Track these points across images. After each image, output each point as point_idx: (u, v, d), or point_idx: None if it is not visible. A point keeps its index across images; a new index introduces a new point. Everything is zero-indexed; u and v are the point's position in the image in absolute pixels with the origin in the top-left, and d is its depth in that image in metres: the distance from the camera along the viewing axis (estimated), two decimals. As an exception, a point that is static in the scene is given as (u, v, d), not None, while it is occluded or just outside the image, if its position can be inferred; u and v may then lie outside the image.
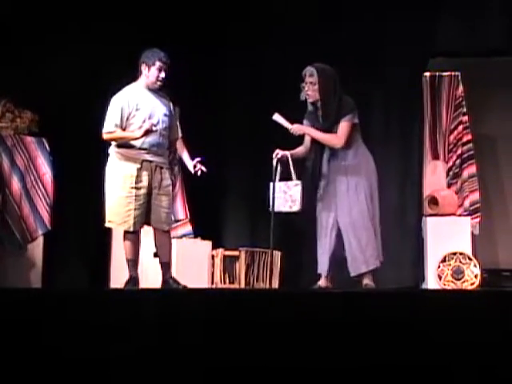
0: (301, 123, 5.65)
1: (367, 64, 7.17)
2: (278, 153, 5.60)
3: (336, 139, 5.52)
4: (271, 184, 5.61)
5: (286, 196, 5.55)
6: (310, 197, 5.63)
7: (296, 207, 5.55)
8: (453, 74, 7.26)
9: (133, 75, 6.51)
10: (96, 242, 7.01)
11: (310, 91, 5.54)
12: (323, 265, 5.59)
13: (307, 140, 5.71)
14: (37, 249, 6.10)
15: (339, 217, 5.53)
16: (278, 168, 5.61)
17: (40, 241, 6.13)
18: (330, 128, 5.55)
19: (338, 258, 5.58)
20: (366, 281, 5.55)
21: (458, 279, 6.68)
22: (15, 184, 5.95)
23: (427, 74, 7.25)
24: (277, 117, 5.61)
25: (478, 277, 6.68)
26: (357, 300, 3.63)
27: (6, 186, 5.90)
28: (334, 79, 5.56)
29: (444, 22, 7.17)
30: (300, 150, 5.70)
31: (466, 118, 7.21)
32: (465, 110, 7.21)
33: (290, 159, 5.58)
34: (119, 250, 6.64)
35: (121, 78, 6.65)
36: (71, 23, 6.77)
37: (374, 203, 5.60)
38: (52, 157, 6.16)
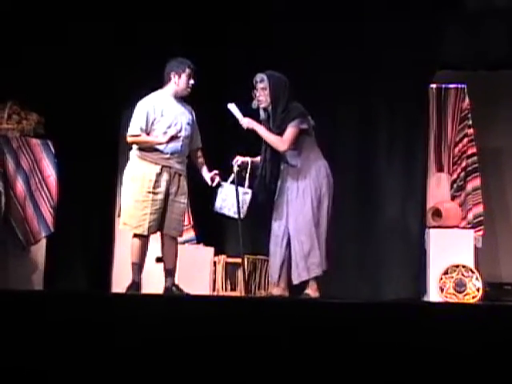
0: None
1: (373, 75, 7.18)
2: (238, 159, 5.62)
3: (280, 142, 5.49)
4: (224, 184, 5.61)
5: (234, 201, 5.58)
6: (264, 205, 5.64)
7: (241, 214, 5.57)
8: (459, 86, 7.27)
9: (138, 78, 6.56)
10: (99, 246, 7.04)
11: (262, 96, 5.55)
12: (274, 274, 5.57)
13: None
14: (39, 251, 6.11)
15: (289, 224, 5.51)
16: (237, 174, 5.62)
17: (43, 243, 6.14)
18: (281, 134, 5.52)
19: (289, 267, 5.55)
20: (308, 290, 5.49)
21: (460, 292, 6.67)
22: (20, 186, 5.96)
23: (433, 86, 7.26)
24: (231, 106, 5.62)
25: (480, 290, 6.67)
26: (357, 311, 3.63)
27: (10, 188, 5.91)
28: (284, 85, 5.54)
29: (450, 34, 7.18)
30: (260, 159, 5.69)
31: (471, 130, 7.21)
32: (470, 122, 7.21)
33: (249, 166, 5.61)
34: (122, 254, 6.66)
35: (127, 81, 6.72)
36: (77, 24, 6.79)
37: (320, 210, 5.49)
38: (57, 159, 6.17)
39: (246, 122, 5.58)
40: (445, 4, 7.06)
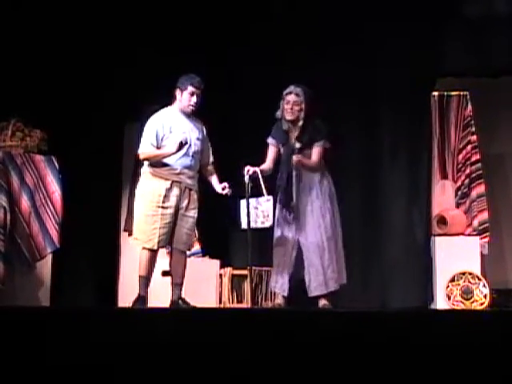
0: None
1: (375, 84, 7.18)
2: (249, 169, 5.63)
3: (315, 165, 5.67)
4: (241, 201, 5.66)
5: (258, 212, 5.59)
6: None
7: (269, 223, 5.61)
8: (461, 93, 7.27)
9: (142, 93, 6.57)
10: (104, 261, 7.03)
11: (295, 110, 5.59)
12: (284, 285, 5.64)
13: (270, 156, 5.78)
14: (45, 267, 6.11)
15: (301, 237, 5.57)
16: (250, 184, 5.64)
17: (48, 259, 6.14)
18: (304, 149, 5.63)
19: (296, 279, 5.63)
20: (324, 301, 5.58)
21: (467, 299, 6.65)
22: (24, 202, 5.96)
23: (436, 93, 7.25)
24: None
25: (487, 297, 6.65)
26: (365, 320, 3.62)
27: (15, 205, 5.91)
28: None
29: (452, 41, 7.18)
30: (266, 166, 5.75)
31: (474, 137, 7.20)
32: (473, 129, 7.20)
33: (259, 175, 5.62)
34: (127, 269, 6.66)
35: (132, 97, 6.74)
36: (81, 40, 6.82)
37: (336, 227, 5.67)
38: (61, 175, 6.18)
39: (297, 160, 5.62)
40: (447, 11, 7.07)
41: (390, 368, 3.23)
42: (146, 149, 5.48)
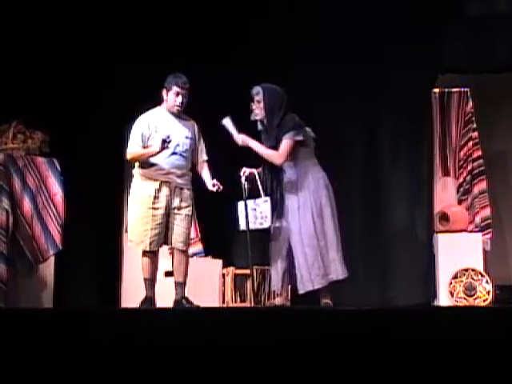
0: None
1: (376, 81, 7.18)
2: (246, 171, 5.63)
3: (276, 156, 5.56)
4: (239, 203, 5.67)
5: (256, 213, 5.60)
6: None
7: (267, 224, 5.62)
8: (462, 90, 7.26)
9: (142, 93, 6.57)
10: (107, 262, 7.04)
11: (257, 109, 5.61)
12: (276, 282, 5.64)
13: None
14: (48, 269, 6.11)
15: (290, 234, 5.56)
16: (247, 186, 5.64)
17: (51, 261, 6.13)
18: (276, 145, 5.57)
19: (291, 276, 5.61)
20: (325, 299, 5.56)
21: (470, 296, 6.64)
22: (26, 204, 5.96)
23: (436, 90, 7.25)
24: (227, 122, 5.61)
25: (491, 293, 6.64)
26: (367, 318, 3.62)
27: (17, 207, 5.91)
28: (281, 97, 5.60)
29: (453, 38, 7.18)
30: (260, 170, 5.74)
31: (475, 134, 7.20)
32: (474, 125, 7.20)
33: (257, 176, 5.62)
34: (130, 270, 6.66)
35: (132, 98, 6.74)
36: (81, 42, 6.83)
37: (323, 220, 5.55)
38: (63, 177, 6.19)
39: (240, 139, 5.61)
40: (448, 9, 7.07)
41: (393, 365, 3.23)
42: (132, 149, 5.50)
